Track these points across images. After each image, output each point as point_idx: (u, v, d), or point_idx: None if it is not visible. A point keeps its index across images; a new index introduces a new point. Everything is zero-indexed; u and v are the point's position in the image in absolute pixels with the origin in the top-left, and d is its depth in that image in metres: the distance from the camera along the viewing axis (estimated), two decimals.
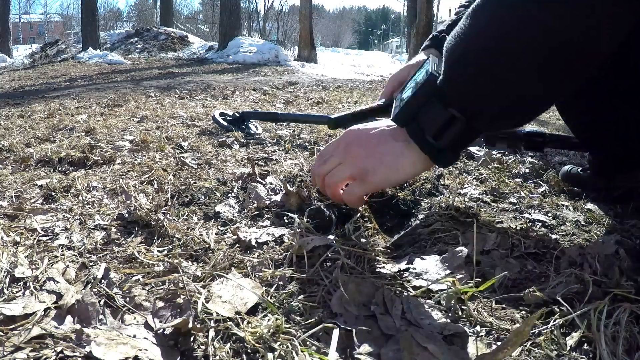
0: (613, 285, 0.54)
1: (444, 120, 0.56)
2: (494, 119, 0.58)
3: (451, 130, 0.56)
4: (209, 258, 0.63)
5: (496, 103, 0.55)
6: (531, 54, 0.51)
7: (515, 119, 0.60)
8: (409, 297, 0.54)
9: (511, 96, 0.54)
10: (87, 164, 1.17)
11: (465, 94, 0.55)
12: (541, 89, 0.54)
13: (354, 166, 0.64)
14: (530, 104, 0.56)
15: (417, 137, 0.59)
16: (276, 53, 9.91)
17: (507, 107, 0.55)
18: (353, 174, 0.65)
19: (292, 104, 2.97)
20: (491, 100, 0.55)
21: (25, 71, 7.66)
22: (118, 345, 0.43)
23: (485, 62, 0.53)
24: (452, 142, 0.58)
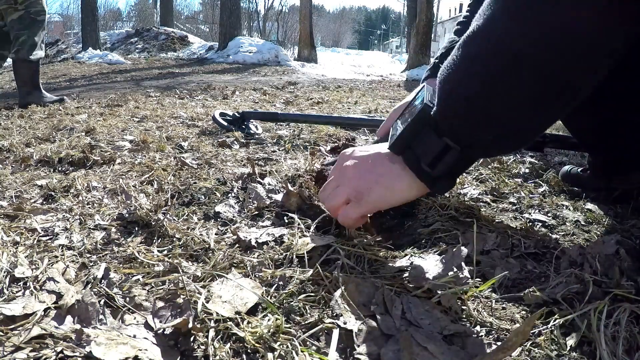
0: (613, 285, 0.54)
1: (438, 149, 0.57)
2: (488, 148, 0.59)
3: (446, 158, 0.57)
4: (209, 258, 0.63)
5: (489, 134, 0.55)
6: (521, 89, 0.51)
7: (509, 147, 0.60)
8: (409, 297, 0.54)
9: (503, 128, 0.55)
10: (87, 164, 1.17)
11: (457, 125, 0.56)
12: (532, 120, 0.55)
13: (349, 187, 0.64)
14: (523, 133, 0.57)
15: (413, 166, 0.59)
16: (276, 53, 9.91)
17: (499, 137, 0.56)
18: (349, 195, 0.64)
19: (292, 104, 2.97)
20: (483, 131, 0.55)
21: None
22: (118, 345, 0.43)
23: (477, 96, 0.53)
24: (447, 170, 0.58)
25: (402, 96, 4.22)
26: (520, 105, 0.53)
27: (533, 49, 0.49)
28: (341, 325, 0.47)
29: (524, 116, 0.54)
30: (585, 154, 1.08)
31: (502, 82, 0.51)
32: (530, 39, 0.49)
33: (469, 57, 0.54)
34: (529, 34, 0.49)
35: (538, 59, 0.49)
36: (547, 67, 0.50)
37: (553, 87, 0.51)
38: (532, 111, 0.53)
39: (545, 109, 0.53)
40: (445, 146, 0.56)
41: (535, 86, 0.51)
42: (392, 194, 0.61)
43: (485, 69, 0.52)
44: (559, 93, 0.52)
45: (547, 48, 0.49)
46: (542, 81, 0.50)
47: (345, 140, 1.54)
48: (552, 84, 0.51)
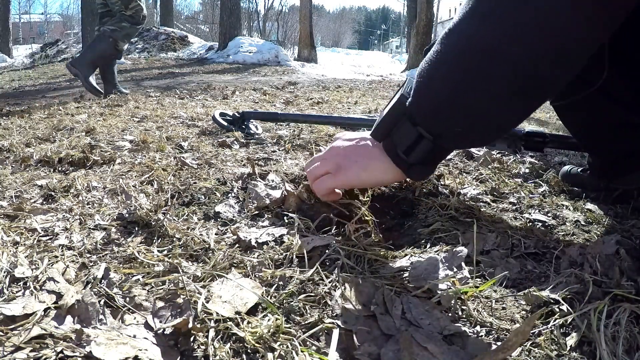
0: (613, 285, 0.54)
1: (413, 137, 0.61)
2: (458, 139, 0.61)
3: (420, 147, 0.61)
4: (209, 258, 0.63)
5: (459, 125, 0.58)
6: (490, 84, 0.53)
7: (480, 139, 0.63)
8: (409, 297, 0.54)
9: (472, 121, 0.57)
10: (87, 164, 1.17)
11: (429, 116, 0.59)
12: (501, 114, 0.57)
13: (331, 162, 0.71)
14: (493, 127, 0.60)
15: (390, 152, 0.64)
16: (276, 53, 9.91)
17: (468, 129, 0.58)
18: (329, 168, 0.71)
19: (292, 104, 2.97)
20: (453, 122, 0.58)
21: (25, 71, 7.66)
22: (118, 345, 0.43)
23: (447, 88, 0.56)
24: (421, 157, 0.62)
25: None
26: (488, 99, 0.54)
27: (501, 45, 0.50)
28: (341, 325, 0.47)
29: (493, 110, 0.56)
30: (585, 154, 1.08)
31: (471, 76, 0.53)
32: (499, 34, 0.50)
33: (442, 52, 0.56)
34: (497, 29, 0.50)
35: (506, 54, 0.50)
36: (516, 62, 0.50)
37: (522, 82, 0.52)
38: (501, 106, 0.55)
39: (515, 103, 0.55)
40: (419, 135, 0.60)
41: (504, 81, 0.52)
42: (367, 173, 0.67)
43: (456, 64, 0.54)
44: (529, 87, 0.53)
45: (516, 43, 0.50)
46: (510, 76, 0.51)
47: None
48: (521, 79, 0.52)
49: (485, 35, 0.51)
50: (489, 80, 0.53)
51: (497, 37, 0.50)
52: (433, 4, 9.90)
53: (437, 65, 0.56)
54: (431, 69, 0.57)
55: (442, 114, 0.58)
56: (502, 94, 0.53)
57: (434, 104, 0.57)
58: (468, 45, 0.53)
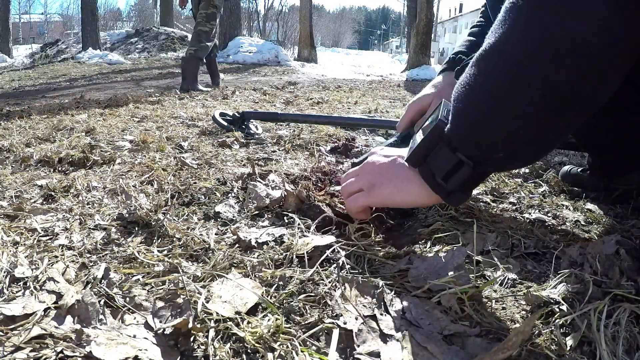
0: (613, 285, 0.54)
1: (452, 164, 0.59)
2: (500, 164, 0.60)
3: (459, 173, 0.59)
4: (209, 258, 0.63)
5: (500, 151, 0.57)
6: (531, 106, 0.52)
7: (521, 163, 0.63)
8: (409, 297, 0.54)
9: (514, 145, 0.56)
10: (87, 164, 1.17)
11: (470, 143, 0.57)
12: (544, 137, 0.56)
13: (365, 179, 0.70)
14: (535, 149, 0.58)
15: (428, 179, 0.61)
16: (276, 53, 9.91)
17: (511, 154, 0.57)
18: (363, 185, 0.70)
19: (292, 104, 2.97)
20: (495, 148, 0.56)
21: (25, 71, 7.66)
22: (118, 345, 0.43)
23: (488, 114, 0.55)
24: (461, 184, 0.60)
25: (402, 96, 4.21)
26: (531, 122, 0.53)
27: (541, 65, 0.50)
28: (341, 325, 0.47)
29: (535, 133, 0.55)
30: (585, 154, 1.08)
31: (512, 101, 0.52)
32: (538, 55, 0.50)
33: (480, 76, 0.55)
34: (536, 50, 0.50)
35: (548, 77, 0.50)
36: (558, 84, 0.50)
37: (564, 103, 0.52)
38: (543, 128, 0.54)
39: (557, 124, 0.54)
40: (459, 162, 0.58)
41: (546, 103, 0.51)
42: (401, 194, 0.65)
43: (496, 88, 0.53)
44: (569, 107, 0.52)
45: (555, 63, 0.49)
46: (552, 98, 0.51)
47: (345, 140, 1.54)
48: (562, 100, 0.51)
49: (524, 59, 0.51)
50: (530, 103, 0.52)
51: (535, 61, 0.50)
52: (433, 4, 9.89)
53: (475, 90, 0.55)
54: (469, 93, 0.56)
55: (484, 140, 0.56)
56: (544, 117, 0.53)
57: (474, 130, 0.56)
58: (506, 70, 0.52)
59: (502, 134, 0.55)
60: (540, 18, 0.49)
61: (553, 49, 0.49)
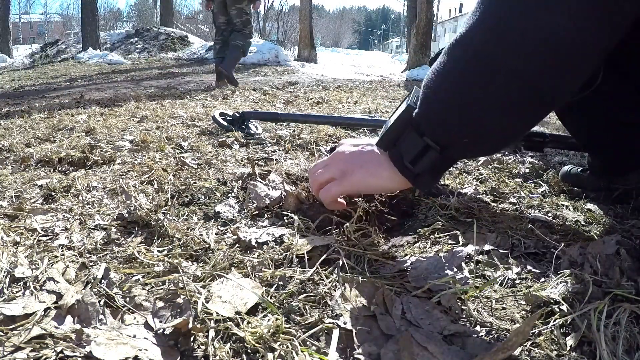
0: (613, 285, 0.54)
1: (419, 148, 0.60)
2: (465, 149, 0.62)
3: (426, 157, 0.60)
4: (209, 258, 0.63)
5: (465, 136, 0.58)
6: (496, 96, 0.53)
7: (487, 149, 0.64)
8: (409, 297, 0.54)
9: (479, 132, 0.57)
10: (87, 164, 1.17)
11: (436, 127, 0.59)
12: (508, 125, 0.57)
13: (336, 167, 0.70)
14: (500, 137, 0.60)
15: (397, 162, 0.63)
16: (276, 53, 9.90)
17: (476, 140, 0.59)
18: (334, 175, 0.70)
19: (292, 104, 2.97)
20: (461, 133, 0.58)
21: (25, 71, 7.66)
22: (118, 345, 0.43)
23: (454, 101, 0.56)
24: (428, 167, 0.62)
25: (402, 96, 4.21)
26: (495, 111, 0.55)
27: (508, 59, 0.51)
28: (341, 325, 0.47)
29: (500, 121, 0.56)
30: (585, 154, 1.08)
31: (478, 89, 0.54)
32: (506, 49, 0.51)
33: (449, 63, 0.56)
34: (504, 44, 0.51)
35: (513, 68, 0.51)
36: (523, 75, 0.51)
37: (529, 95, 0.53)
38: (507, 117, 0.56)
39: (521, 115, 0.55)
40: (426, 145, 0.60)
41: (510, 94, 0.53)
42: (373, 179, 0.66)
43: (462, 76, 0.55)
44: (535, 100, 0.53)
45: (523, 58, 0.50)
46: (517, 89, 0.52)
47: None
48: (527, 91, 0.52)
49: (491, 50, 0.52)
50: (495, 93, 0.53)
51: (502, 51, 0.51)
52: (433, 4, 9.88)
53: (444, 77, 0.57)
54: (437, 80, 0.57)
55: (450, 125, 0.58)
56: (508, 106, 0.54)
57: (441, 115, 0.58)
58: (474, 59, 0.53)
59: (466, 121, 0.56)
60: (511, 8, 0.50)
61: (523, 41, 0.49)
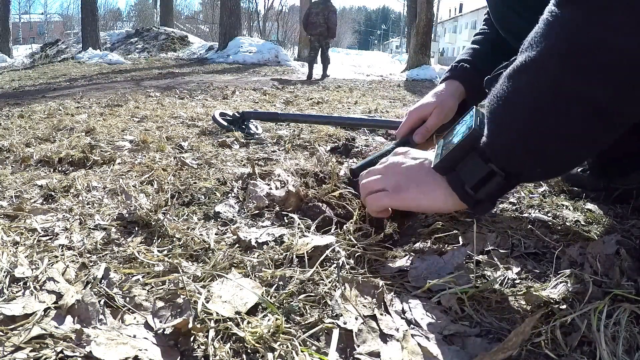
0: (613, 285, 0.54)
1: (483, 174, 0.58)
2: (533, 176, 0.62)
3: (490, 184, 0.58)
4: (209, 258, 0.63)
5: (538, 166, 0.57)
6: (572, 125, 0.52)
7: (555, 174, 0.67)
8: (409, 297, 0.54)
9: (552, 160, 0.56)
10: (87, 164, 1.17)
11: (508, 157, 0.57)
12: (581, 151, 0.57)
13: (391, 179, 0.68)
14: (571, 162, 0.60)
15: (457, 188, 0.60)
16: (276, 53, 9.91)
17: (548, 168, 0.58)
18: (387, 186, 0.68)
19: (292, 104, 2.97)
20: (533, 163, 0.57)
21: (25, 71, 7.67)
22: (118, 345, 0.43)
23: (529, 131, 0.54)
24: (490, 194, 0.59)
25: (402, 96, 4.21)
26: (573, 140, 0.53)
27: (585, 87, 0.50)
28: (341, 325, 0.47)
29: (574, 149, 0.55)
30: None
31: (554, 119, 0.52)
32: (582, 76, 0.49)
33: (520, 91, 0.55)
34: (580, 72, 0.49)
35: (590, 95, 0.50)
36: (600, 102, 0.50)
37: (606, 121, 0.51)
38: (582, 144, 0.55)
39: (596, 140, 0.55)
40: (491, 172, 0.57)
41: (588, 121, 0.51)
42: (426, 200, 0.64)
43: (537, 106, 0.53)
44: (611, 125, 0.52)
45: (600, 85, 0.49)
46: (594, 116, 0.51)
47: (345, 140, 1.54)
48: (605, 117, 0.51)
49: (567, 78, 0.50)
50: (573, 122, 0.52)
51: (578, 79, 0.50)
52: (433, 4, 9.89)
53: (515, 107, 0.55)
54: (508, 109, 0.56)
55: (524, 156, 0.56)
56: (582, 136, 0.53)
57: (515, 145, 0.56)
58: (549, 88, 0.52)
59: (542, 151, 0.55)
60: (587, 32, 0.48)
61: (599, 67, 0.48)
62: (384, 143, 1.62)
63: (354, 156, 1.35)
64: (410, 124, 0.97)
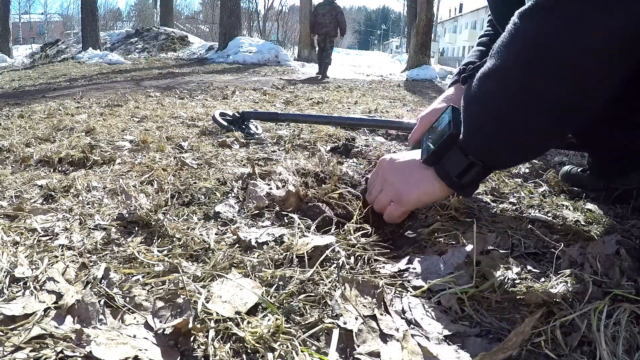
0: (613, 285, 0.54)
1: (464, 165, 0.68)
2: (507, 164, 0.76)
3: (471, 172, 0.68)
4: (209, 258, 0.63)
5: (509, 157, 0.68)
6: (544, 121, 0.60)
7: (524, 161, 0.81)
8: (409, 297, 0.54)
9: (520, 150, 0.66)
10: (87, 164, 1.17)
11: (482, 151, 0.67)
12: (547, 143, 0.67)
13: (391, 191, 0.77)
14: (537, 153, 0.73)
15: (444, 177, 0.70)
16: (276, 53, 9.91)
17: (519, 158, 0.71)
18: (391, 197, 0.77)
19: (292, 104, 2.97)
20: (505, 155, 0.67)
21: (25, 71, 7.67)
22: (118, 345, 0.43)
23: (498, 131, 0.64)
24: (473, 180, 0.70)
25: (402, 96, 4.21)
26: (542, 134, 0.63)
27: (544, 88, 0.57)
28: (341, 325, 0.47)
29: (539, 142, 0.65)
30: (585, 154, 1.08)
31: (524, 117, 0.60)
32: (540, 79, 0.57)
33: (486, 94, 0.64)
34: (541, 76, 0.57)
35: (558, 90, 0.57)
36: (566, 94, 0.57)
37: (567, 114, 0.59)
38: (545, 138, 0.64)
39: (558, 130, 0.63)
40: (471, 163, 0.67)
41: (550, 116, 0.60)
42: (427, 196, 0.74)
43: (508, 106, 0.61)
44: (572, 117, 0.60)
45: (560, 85, 0.57)
46: (564, 109, 0.59)
47: (345, 140, 1.54)
48: (572, 108, 0.59)
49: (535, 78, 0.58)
50: (541, 119, 0.60)
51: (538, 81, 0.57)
52: (433, 4, 9.89)
53: (487, 106, 0.64)
54: (480, 107, 0.65)
55: (495, 149, 0.66)
56: (553, 127, 0.61)
57: (486, 141, 0.65)
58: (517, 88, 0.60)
59: (509, 145, 0.65)
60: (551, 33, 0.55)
61: (558, 70, 0.55)
62: (383, 143, 1.62)
63: (354, 156, 1.35)
64: (422, 130, 0.97)
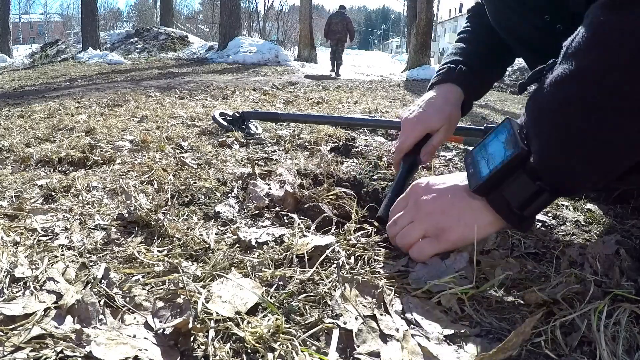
0: (613, 285, 0.54)
1: (530, 192, 0.55)
2: (585, 189, 0.62)
3: (537, 201, 0.55)
4: (209, 258, 0.63)
5: (590, 183, 0.56)
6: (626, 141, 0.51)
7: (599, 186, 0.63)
8: (409, 297, 0.54)
9: (603, 175, 0.55)
10: (87, 164, 1.17)
11: (560, 175, 0.55)
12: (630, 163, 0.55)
13: (428, 223, 0.62)
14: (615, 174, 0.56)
15: (502, 209, 0.57)
16: (276, 53, 9.91)
17: (597, 182, 0.57)
18: (427, 232, 0.62)
19: (292, 104, 2.97)
20: (589, 179, 0.55)
21: (25, 71, 7.67)
22: (118, 345, 0.43)
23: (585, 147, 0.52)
24: (536, 211, 0.57)
25: (402, 96, 4.21)
26: (623, 154, 0.52)
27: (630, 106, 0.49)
28: (341, 325, 0.47)
29: (624, 162, 0.53)
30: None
31: (617, 135, 0.51)
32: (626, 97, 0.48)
33: (571, 102, 0.52)
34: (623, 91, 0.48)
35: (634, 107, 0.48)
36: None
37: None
38: (632, 156, 0.53)
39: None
40: (539, 189, 0.55)
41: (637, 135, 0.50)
42: (472, 232, 0.59)
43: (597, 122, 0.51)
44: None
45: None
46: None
47: (345, 140, 1.54)
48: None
49: (632, 89, 0.49)
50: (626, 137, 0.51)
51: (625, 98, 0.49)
52: (433, 4, 9.90)
53: (570, 123, 0.52)
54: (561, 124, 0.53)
55: (577, 171, 0.54)
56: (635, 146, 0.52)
57: (571, 164, 0.53)
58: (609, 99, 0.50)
59: (603, 165, 0.53)
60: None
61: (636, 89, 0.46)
62: (383, 143, 1.62)
63: (354, 156, 1.35)
64: (415, 139, 0.91)
